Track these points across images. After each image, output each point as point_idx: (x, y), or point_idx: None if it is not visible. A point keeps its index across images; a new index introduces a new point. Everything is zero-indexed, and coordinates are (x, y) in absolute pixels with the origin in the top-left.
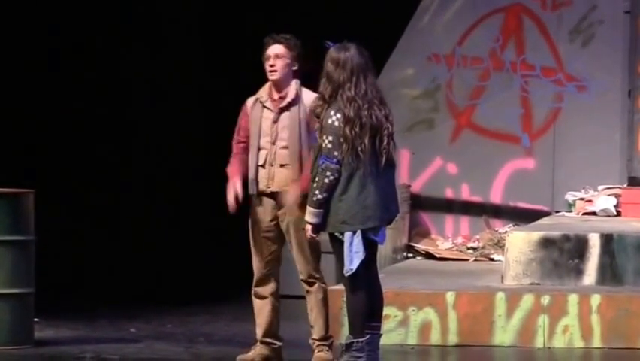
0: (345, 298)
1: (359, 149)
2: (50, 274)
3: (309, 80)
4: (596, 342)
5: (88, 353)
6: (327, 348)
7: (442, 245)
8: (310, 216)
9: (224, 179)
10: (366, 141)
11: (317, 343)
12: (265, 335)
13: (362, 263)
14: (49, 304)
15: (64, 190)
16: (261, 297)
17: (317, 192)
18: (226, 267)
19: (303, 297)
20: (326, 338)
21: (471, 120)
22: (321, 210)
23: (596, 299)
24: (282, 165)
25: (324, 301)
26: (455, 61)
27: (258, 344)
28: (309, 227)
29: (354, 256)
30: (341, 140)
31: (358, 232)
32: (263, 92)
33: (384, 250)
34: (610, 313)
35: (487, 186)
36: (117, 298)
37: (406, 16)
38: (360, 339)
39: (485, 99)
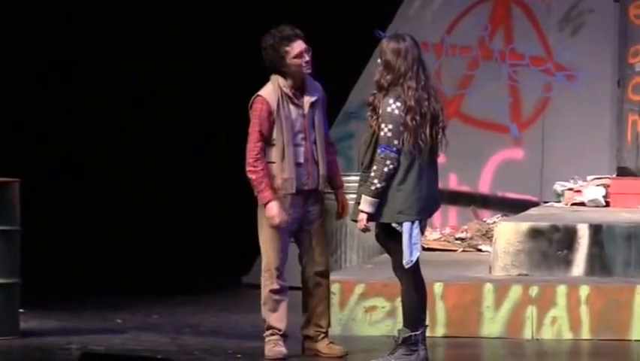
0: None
1: (420, 138)
2: (36, 265)
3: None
4: (585, 333)
5: (74, 344)
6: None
7: (429, 235)
8: (367, 205)
9: (211, 169)
10: (427, 131)
11: (324, 335)
12: None
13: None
14: (34, 294)
15: (51, 180)
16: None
17: (376, 180)
18: (213, 258)
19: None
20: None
21: (459, 110)
22: (377, 200)
23: (584, 290)
24: (315, 162)
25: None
26: (444, 50)
27: None
28: (364, 216)
29: (414, 247)
30: (401, 128)
31: (417, 223)
32: (285, 88)
33: (372, 241)
34: (599, 304)
35: (475, 176)
36: (103, 288)
37: (394, 4)
38: (417, 332)
39: (474, 89)
